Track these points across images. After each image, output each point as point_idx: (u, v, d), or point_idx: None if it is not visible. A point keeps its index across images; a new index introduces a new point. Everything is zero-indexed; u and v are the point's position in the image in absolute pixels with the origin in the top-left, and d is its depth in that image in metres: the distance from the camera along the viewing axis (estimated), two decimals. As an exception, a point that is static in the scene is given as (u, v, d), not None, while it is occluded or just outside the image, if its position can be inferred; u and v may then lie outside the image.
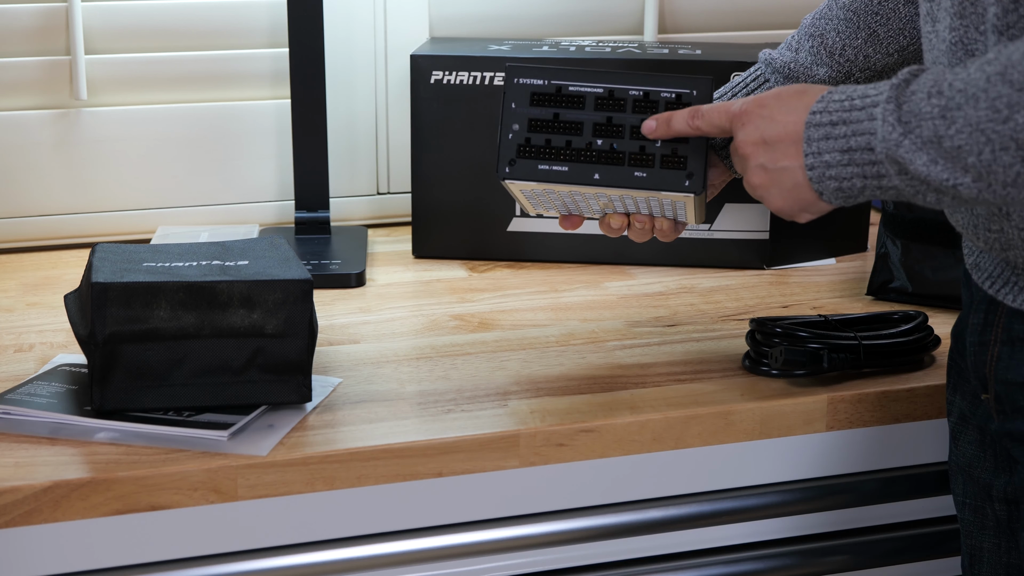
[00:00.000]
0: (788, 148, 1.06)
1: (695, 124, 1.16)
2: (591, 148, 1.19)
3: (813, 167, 1.04)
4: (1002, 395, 1.07)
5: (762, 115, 1.08)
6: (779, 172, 1.07)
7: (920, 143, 0.96)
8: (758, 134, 1.08)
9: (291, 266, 1.20)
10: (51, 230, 1.65)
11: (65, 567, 1.09)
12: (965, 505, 1.16)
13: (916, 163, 0.97)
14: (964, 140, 0.94)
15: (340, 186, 1.73)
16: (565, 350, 1.33)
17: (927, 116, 0.96)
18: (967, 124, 0.94)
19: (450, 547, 1.17)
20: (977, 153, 0.93)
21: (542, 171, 1.20)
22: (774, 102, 1.08)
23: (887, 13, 1.27)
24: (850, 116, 1.02)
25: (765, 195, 1.09)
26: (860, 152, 1.01)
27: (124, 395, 1.14)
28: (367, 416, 1.17)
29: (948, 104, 0.95)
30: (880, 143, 0.99)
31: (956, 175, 0.95)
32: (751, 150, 1.09)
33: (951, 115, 0.94)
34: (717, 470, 1.23)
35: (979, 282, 1.09)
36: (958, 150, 0.94)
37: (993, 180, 0.94)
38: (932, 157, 0.96)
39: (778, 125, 1.07)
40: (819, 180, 1.04)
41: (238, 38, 1.68)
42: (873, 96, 1.01)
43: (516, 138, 1.20)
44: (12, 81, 1.61)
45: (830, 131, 1.03)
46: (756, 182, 1.09)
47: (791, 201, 1.08)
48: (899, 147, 0.97)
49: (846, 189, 1.03)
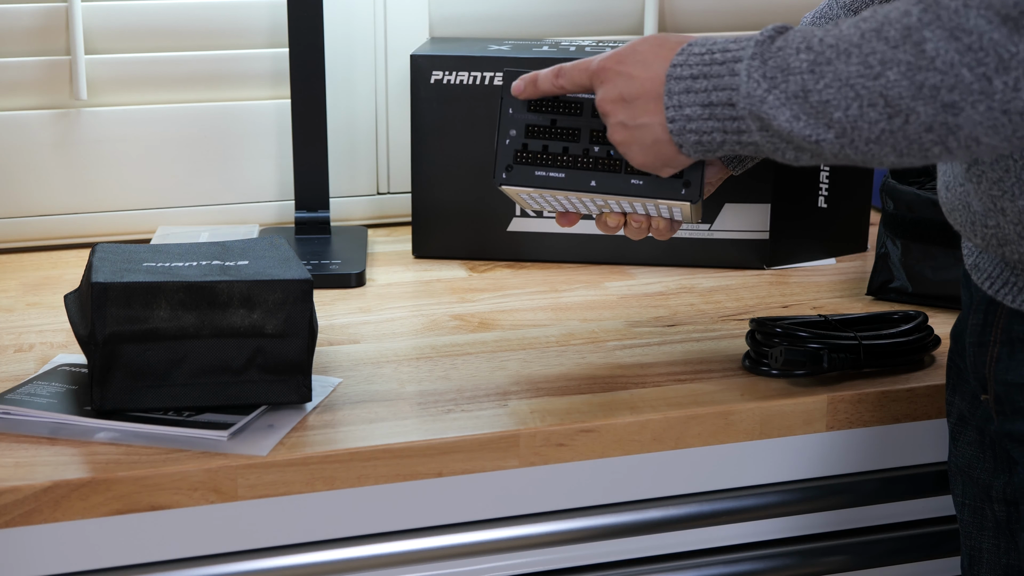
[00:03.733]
0: (648, 104, 1.07)
1: (558, 83, 1.16)
2: (588, 155, 1.19)
3: (674, 119, 1.05)
4: (1001, 396, 1.07)
5: (620, 71, 1.09)
6: (639, 128, 1.08)
7: (784, 98, 0.97)
8: (616, 92, 1.09)
9: (291, 266, 1.20)
10: (51, 230, 1.65)
11: (65, 567, 1.09)
12: (964, 506, 1.16)
13: (779, 119, 0.97)
14: (832, 95, 0.94)
15: (340, 186, 1.73)
16: (565, 350, 1.33)
17: (795, 71, 0.96)
18: (836, 79, 0.94)
19: (450, 547, 1.17)
20: (844, 108, 0.94)
21: (539, 177, 1.20)
22: (631, 57, 1.08)
23: None
24: (711, 70, 1.02)
25: (627, 151, 1.10)
26: (721, 107, 1.02)
27: (124, 395, 1.14)
28: (367, 416, 1.17)
29: (817, 59, 0.95)
30: (743, 99, 1.00)
31: (819, 131, 0.96)
32: (610, 108, 1.10)
33: (820, 69, 0.95)
34: (717, 470, 1.23)
35: (978, 283, 1.09)
36: (825, 104, 0.95)
37: (856, 136, 0.95)
38: (795, 113, 0.96)
39: (636, 82, 1.07)
40: (679, 133, 1.05)
41: (238, 38, 1.68)
42: (735, 51, 1.01)
43: (513, 144, 1.20)
44: (12, 81, 1.61)
45: (691, 84, 1.04)
46: (617, 139, 1.10)
47: (652, 156, 1.09)
48: (763, 103, 0.98)
49: (706, 143, 1.05)
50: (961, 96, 0.90)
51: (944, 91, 0.90)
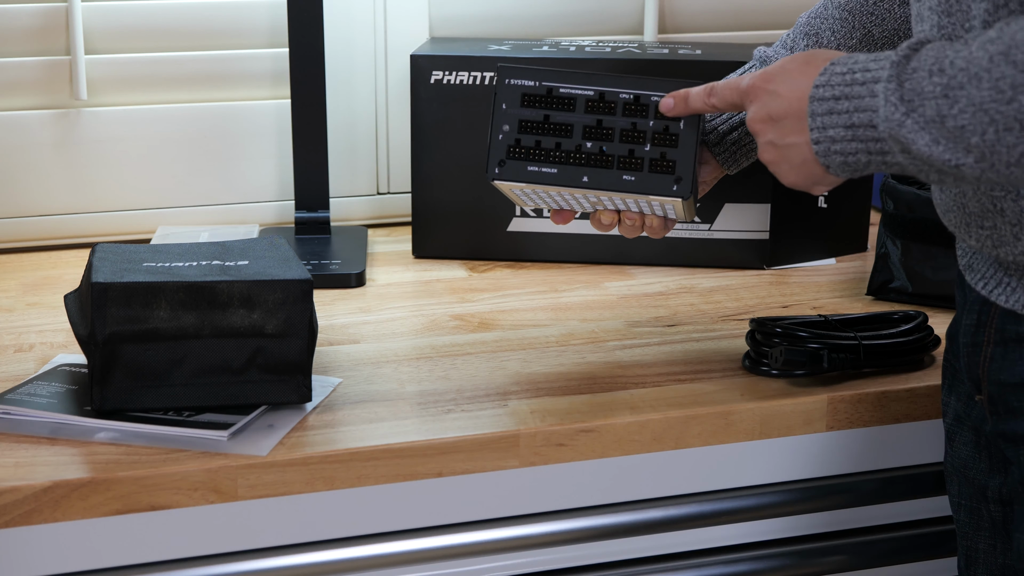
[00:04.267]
0: (794, 124, 1.06)
1: (710, 102, 1.16)
2: (580, 151, 1.19)
3: (819, 142, 1.04)
4: (995, 396, 1.07)
5: (768, 90, 1.09)
6: (787, 148, 1.07)
7: (923, 123, 0.96)
8: (765, 111, 1.09)
9: (291, 266, 1.20)
10: (51, 230, 1.65)
11: (65, 567, 1.09)
12: (960, 506, 1.16)
13: (919, 143, 0.96)
14: (967, 120, 0.93)
15: (340, 186, 1.73)
16: (565, 350, 1.33)
17: (929, 95, 0.95)
18: (970, 104, 0.93)
19: (450, 547, 1.17)
20: (980, 133, 0.93)
21: (531, 173, 1.20)
22: (779, 76, 1.08)
23: (882, 14, 1.27)
24: (852, 91, 1.01)
25: (777, 171, 1.10)
26: (863, 128, 1.01)
27: (124, 395, 1.14)
28: (367, 416, 1.17)
29: (950, 83, 0.94)
30: (883, 122, 0.98)
31: (959, 155, 0.95)
32: (760, 127, 1.09)
33: (954, 94, 0.94)
34: (717, 470, 1.23)
35: (972, 283, 1.09)
36: (961, 130, 0.94)
37: (996, 160, 0.93)
38: (934, 137, 0.95)
39: (783, 101, 1.07)
40: (825, 155, 1.04)
41: (238, 38, 1.68)
42: (874, 71, 1.00)
43: (506, 139, 1.20)
44: (12, 81, 1.61)
45: (833, 106, 1.03)
46: (768, 158, 1.10)
47: (802, 176, 1.08)
48: (901, 127, 0.97)
49: (852, 164, 1.03)
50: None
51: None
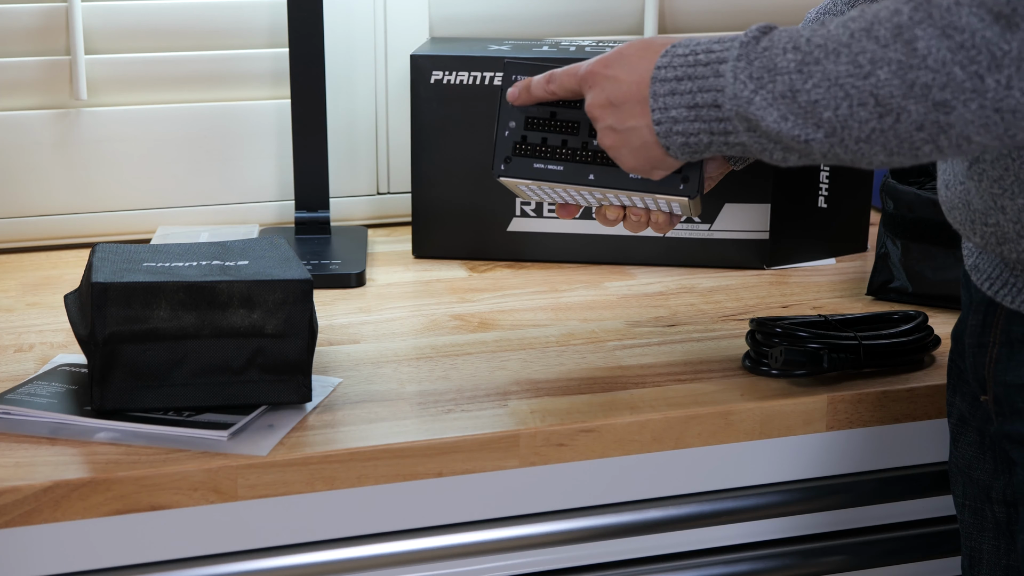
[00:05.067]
0: (634, 108, 1.07)
1: (550, 89, 1.16)
2: (587, 148, 1.19)
3: (660, 122, 1.05)
4: (1001, 397, 1.07)
5: (606, 75, 1.09)
6: (627, 132, 1.08)
7: (771, 99, 0.97)
8: (604, 96, 1.09)
9: (291, 266, 1.20)
10: (51, 230, 1.65)
11: (65, 567, 1.09)
12: (965, 507, 1.16)
13: (767, 119, 0.97)
14: (821, 94, 0.94)
15: (340, 186, 1.73)
16: (565, 350, 1.33)
17: (783, 71, 0.96)
18: (825, 78, 0.94)
19: (450, 547, 1.17)
20: (834, 108, 0.94)
21: (537, 170, 1.20)
22: (618, 61, 1.09)
23: None
24: (695, 71, 1.02)
25: (617, 155, 1.10)
26: (707, 108, 1.02)
27: (124, 395, 1.14)
28: (367, 416, 1.17)
29: (805, 59, 0.95)
30: (729, 100, 0.99)
31: (808, 131, 0.96)
32: (599, 112, 1.10)
33: (808, 69, 0.95)
34: (717, 470, 1.23)
35: (978, 283, 1.09)
36: (814, 104, 0.95)
37: (847, 136, 0.94)
38: (783, 113, 0.96)
39: (623, 86, 1.08)
40: (666, 135, 1.05)
41: (238, 38, 1.68)
42: (719, 52, 1.01)
43: (512, 136, 1.20)
44: (12, 81, 1.61)
45: (676, 87, 1.04)
46: (607, 143, 1.10)
47: (642, 159, 1.09)
48: (750, 104, 0.98)
49: (692, 144, 1.05)
50: (953, 94, 0.90)
51: (936, 89, 0.90)
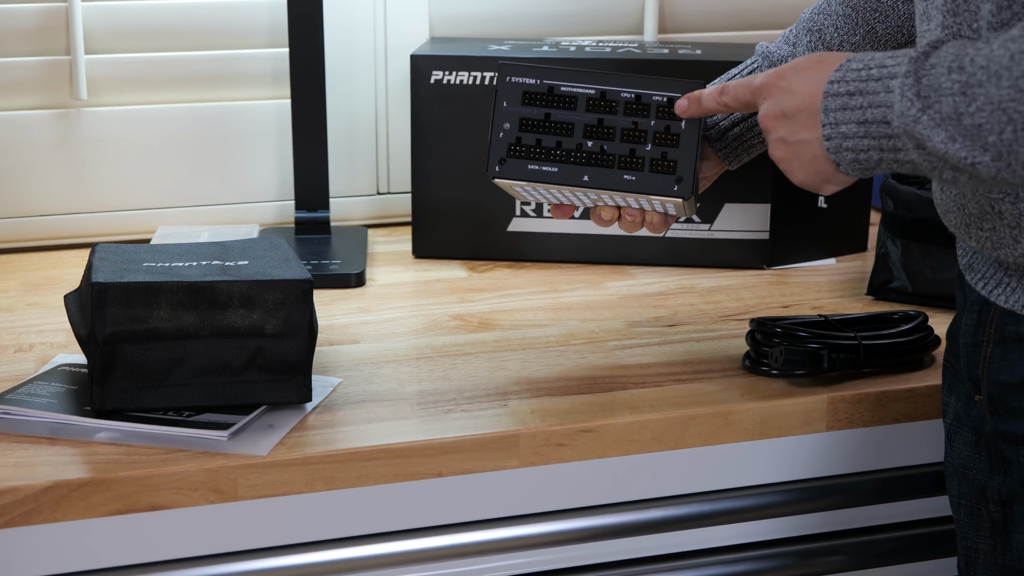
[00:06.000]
0: (806, 120, 1.05)
1: (723, 100, 1.16)
2: (581, 149, 1.19)
3: (830, 138, 1.03)
4: (995, 396, 1.07)
5: (781, 87, 1.08)
6: (798, 144, 1.06)
7: (939, 119, 0.95)
8: (778, 107, 1.07)
9: (291, 266, 1.20)
10: (51, 230, 1.65)
11: (65, 567, 1.09)
12: (960, 506, 1.16)
13: (934, 140, 0.95)
14: (985, 119, 0.92)
15: (340, 186, 1.73)
16: (565, 350, 1.33)
17: (947, 92, 0.94)
18: (988, 102, 0.92)
19: (450, 547, 1.17)
20: (998, 132, 0.92)
21: (532, 171, 1.20)
22: (792, 73, 1.07)
23: (886, 11, 1.27)
24: (867, 87, 1.00)
25: (787, 168, 1.09)
26: (876, 125, 1.00)
27: (124, 395, 1.14)
28: (367, 416, 1.17)
29: (969, 80, 0.93)
30: (897, 118, 0.97)
31: (975, 153, 0.94)
32: (771, 124, 1.08)
33: (972, 92, 0.93)
34: (717, 470, 1.23)
35: (972, 283, 1.09)
36: (978, 128, 0.93)
37: (1013, 160, 0.92)
38: (951, 134, 0.94)
39: (796, 97, 1.06)
40: (836, 151, 1.03)
41: (238, 38, 1.68)
42: (891, 67, 0.99)
43: (507, 137, 1.20)
44: (12, 81, 1.61)
45: (847, 101, 1.01)
46: (778, 155, 1.09)
47: (812, 174, 1.07)
48: (917, 123, 0.96)
49: (863, 161, 1.02)
50: None
51: None
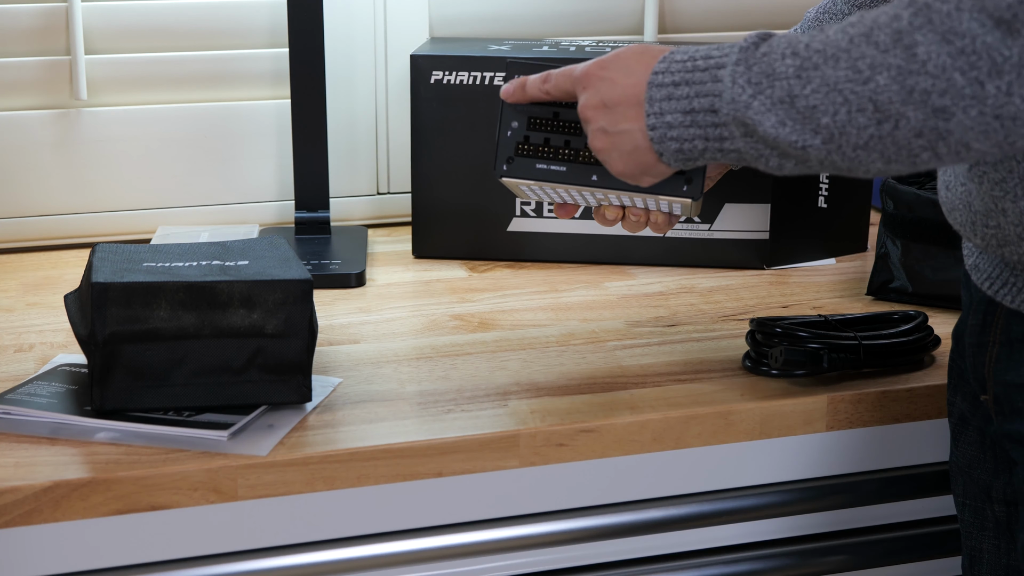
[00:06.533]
0: (628, 111, 1.06)
1: (545, 88, 1.15)
2: (589, 149, 1.19)
3: (655, 127, 1.03)
4: (1001, 396, 1.07)
5: (603, 77, 1.08)
6: (619, 135, 1.07)
7: (770, 104, 0.96)
8: (598, 97, 1.08)
9: (291, 266, 1.20)
10: (51, 230, 1.65)
11: (65, 567, 1.09)
12: (965, 506, 1.16)
13: (764, 124, 0.96)
14: (819, 100, 0.93)
15: (340, 186, 1.73)
16: (565, 350, 1.33)
17: (781, 76, 0.95)
18: (824, 84, 0.93)
19: (450, 547, 1.17)
20: (832, 113, 0.93)
21: (540, 170, 1.20)
22: (614, 64, 1.08)
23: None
24: (693, 77, 1.01)
25: (606, 159, 1.09)
26: (703, 113, 1.01)
27: (124, 395, 1.14)
28: (367, 416, 1.17)
29: (804, 64, 0.94)
30: (727, 104, 0.98)
31: (805, 136, 0.95)
32: (591, 114, 1.08)
33: (807, 74, 0.94)
34: (717, 470, 1.23)
35: (978, 283, 1.09)
36: (812, 110, 0.94)
37: (844, 142, 0.93)
38: (780, 118, 0.95)
39: (618, 88, 1.06)
40: (660, 141, 1.04)
41: (238, 38, 1.68)
42: (718, 58, 1.00)
43: (515, 136, 1.20)
44: (12, 81, 1.61)
45: (672, 91, 1.02)
46: (597, 146, 1.09)
47: (631, 164, 1.08)
48: (748, 108, 0.97)
49: (687, 151, 1.03)
50: (952, 100, 0.89)
51: (935, 95, 0.89)
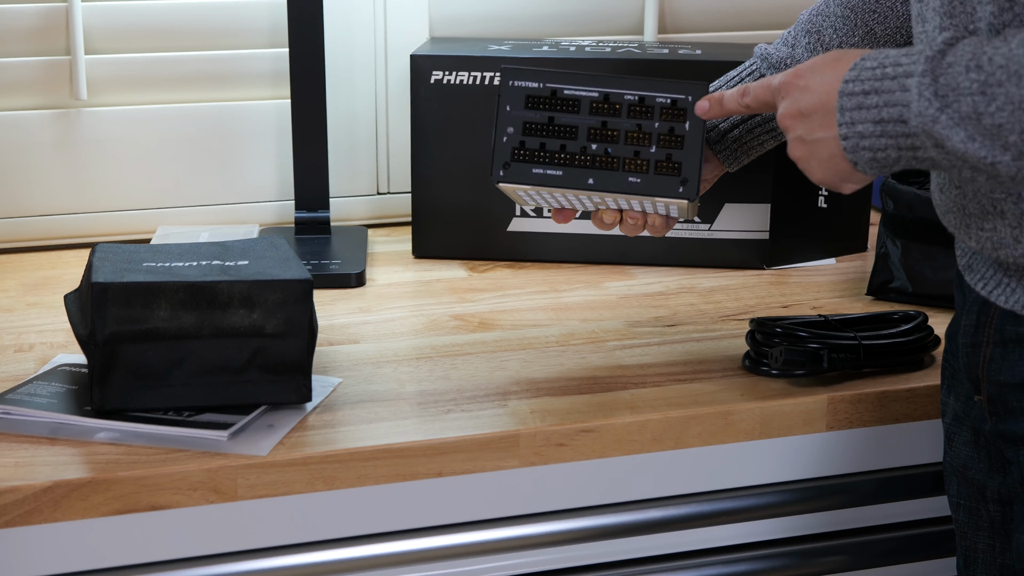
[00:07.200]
0: (823, 119, 1.04)
1: (744, 102, 1.16)
2: (585, 152, 1.19)
3: (847, 137, 1.02)
4: (994, 396, 1.07)
5: (798, 86, 1.07)
6: (815, 143, 1.05)
7: (958, 118, 0.94)
8: (795, 106, 1.07)
9: (291, 266, 1.20)
10: (51, 230, 1.65)
11: (65, 567, 1.09)
12: (960, 506, 1.16)
13: (953, 139, 0.94)
14: (1005, 118, 0.92)
15: (340, 186, 1.73)
16: (565, 350, 1.33)
17: (966, 91, 0.93)
18: (1008, 102, 0.91)
19: (450, 547, 1.17)
20: (1019, 132, 0.91)
21: (536, 175, 1.20)
22: (809, 72, 1.07)
23: (884, 11, 1.27)
24: (882, 85, 0.99)
25: (806, 167, 1.08)
26: (893, 124, 0.99)
27: (124, 395, 1.14)
28: (367, 416, 1.17)
29: (988, 80, 0.92)
30: (915, 117, 0.96)
31: (995, 153, 0.93)
32: (789, 123, 1.08)
33: (991, 91, 0.92)
34: (717, 470, 1.23)
35: (971, 283, 1.09)
36: (999, 128, 0.92)
37: None
38: (970, 133, 0.93)
39: (812, 95, 1.05)
40: (853, 151, 1.02)
41: (238, 38, 1.68)
42: (906, 65, 0.98)
43: (511, 141, 1.20)
44: (12, 81, 1.61)
45: (863, 100, 1.01)
46: (796, 154, 1.08)
47: (830, 172, 1.06)
48: (935, 123, 0.95)
49: (881, 160, 1.01)
50: None
51: None
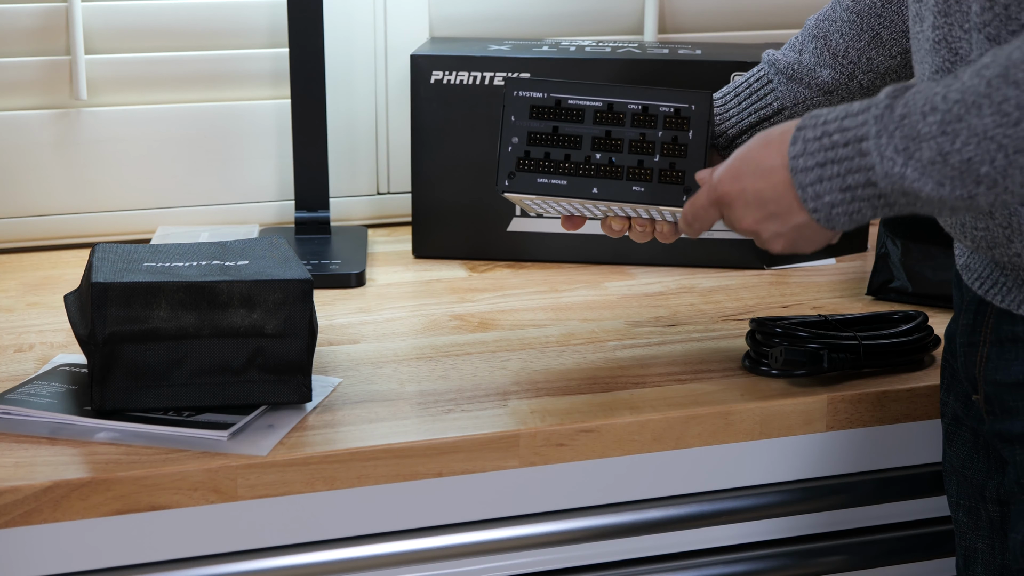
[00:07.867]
0: (787, 205, 1.03)
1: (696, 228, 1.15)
2: (590, 162, 1.19)
3: (817, 210, 1.01)
4: (992, 396, 1.07)
5: (741, 190, 1.06)
6: (795, 230, 1.05)
7: (922, 168, 0.93)
8: (749, 214, 1.06)
9: (291, 266, 1.20)
10: (51, 230, 1.65)
11: (65, 567, 1.09)
12: (959, 506, 1.17)
13: (925, 189, 0.94)
14: (972, 151, 0.91)
15: (340, 186, 1.73)
16: (565, 350, 1.33)
17: (926, 136, 0.93)
18: (973, 135, 0.91)
19: (450, 547, 1.17)
20: (990, 161, 0.90)
21: (541, 184, 1.20)
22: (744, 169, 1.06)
23: (890, 15, 1.27)
24: (835, 155, 0.99)
25: (796, 250, 1.07)
26: (862, 188, 0.98)
27: (124, 395, 1.14)
28: (367, 416, 1.17)
29: (945, 118, 0.92)
30: (883, 179, 0.96)
31: (969, 188, 0.92)
32: (755, 228, 1.07)
33: (953, 128, 0.91)
34: (717, 470, 1.23)
35: (969, 283, 1.09)
36: (967, 163, 0.91)
37: (1010, 183, 0.91)
38: (938, 180, 0.93)
39: (762, 192, 1.04)
40: (828, 220, 1.01)
41: (238, 38, 1.68)
42: (854, 129, 0.97)
43: (515, 151, 1.20)
44: (12, 81, 1.61)
45: (821, 173, 1.00)
46: (780, 248, 1.07)
47: (820, 241, 1.06)
48: (903, 179, 0.94)
49: (858, 219, 1.01)
50: None
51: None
